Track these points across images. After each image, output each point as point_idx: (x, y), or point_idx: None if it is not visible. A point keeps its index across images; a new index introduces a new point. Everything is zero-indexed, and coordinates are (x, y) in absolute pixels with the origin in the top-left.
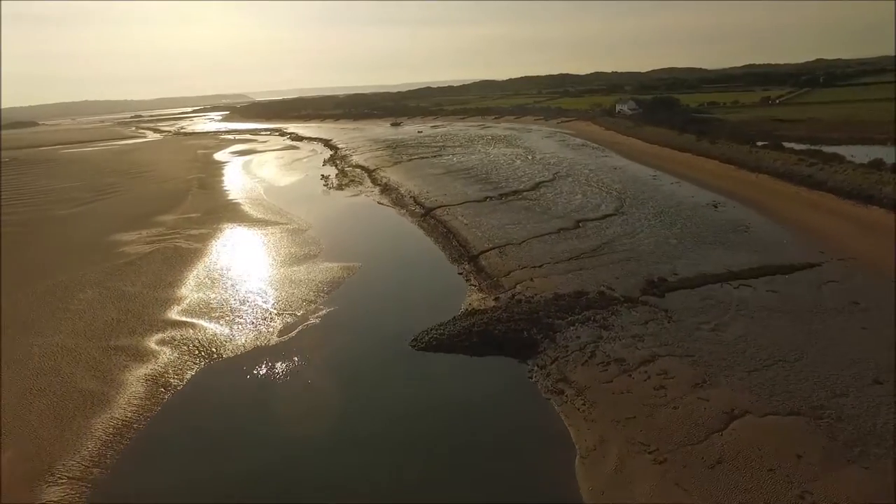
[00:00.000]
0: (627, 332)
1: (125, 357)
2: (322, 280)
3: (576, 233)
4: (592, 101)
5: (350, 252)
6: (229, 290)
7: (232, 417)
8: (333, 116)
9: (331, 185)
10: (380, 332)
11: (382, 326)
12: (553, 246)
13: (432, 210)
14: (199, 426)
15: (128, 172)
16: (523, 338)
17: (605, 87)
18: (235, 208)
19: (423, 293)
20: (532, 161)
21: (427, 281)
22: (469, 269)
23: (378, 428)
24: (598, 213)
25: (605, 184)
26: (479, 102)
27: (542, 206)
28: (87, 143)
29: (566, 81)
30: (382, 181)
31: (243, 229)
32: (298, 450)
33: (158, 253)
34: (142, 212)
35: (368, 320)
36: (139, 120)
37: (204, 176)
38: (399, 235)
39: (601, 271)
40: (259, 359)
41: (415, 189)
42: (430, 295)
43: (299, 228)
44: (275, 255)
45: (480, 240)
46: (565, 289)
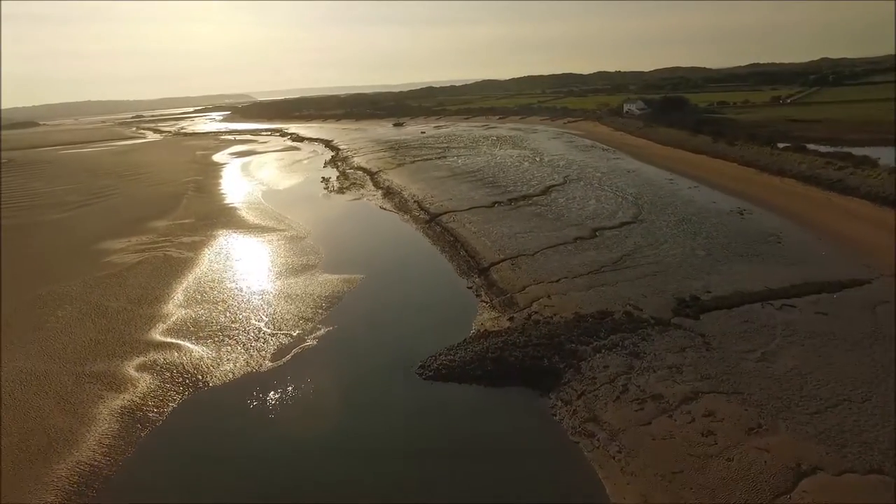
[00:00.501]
0: (662, 362)
1: (100, 385)
2: (320, 294)
3: (593, 243)
4: (598, 101)
5: (351, 262)
6: (220, 306)
7: (214, 462)
8: (335, 116)
9: (331, 189)
10: (383, 356)
11: (386, 349)
12: (570, 258)
13: (438, 216)
14: (176, 472)
15: (124, 174)
16: (543, 366)
17: (609, 86)
18: (231, 213)
19: (429, 310)
20: (540, 163)
21: (434, 296)
22: (479, 284)
23: (380, 477)
24: (615, 220)
25: (620, 188)
26: (482, 102)
27: (554, 213)
28: (86, 144)
29: (570, 81)
30: (385, 184)
31: (238, 236)
32: (290, 500)
33: (147, 263)
34: (134, 217)
35: (370, 342)
36: (140, 120)
37: (201, 178)
38: (403, 244)
39: (625, 287)
40: (249, 388)
41: (419, 193)
42: (438, 312)
43: (297, 235)
44: (270, 266)
45: (490, 250)
46: (587, 308)
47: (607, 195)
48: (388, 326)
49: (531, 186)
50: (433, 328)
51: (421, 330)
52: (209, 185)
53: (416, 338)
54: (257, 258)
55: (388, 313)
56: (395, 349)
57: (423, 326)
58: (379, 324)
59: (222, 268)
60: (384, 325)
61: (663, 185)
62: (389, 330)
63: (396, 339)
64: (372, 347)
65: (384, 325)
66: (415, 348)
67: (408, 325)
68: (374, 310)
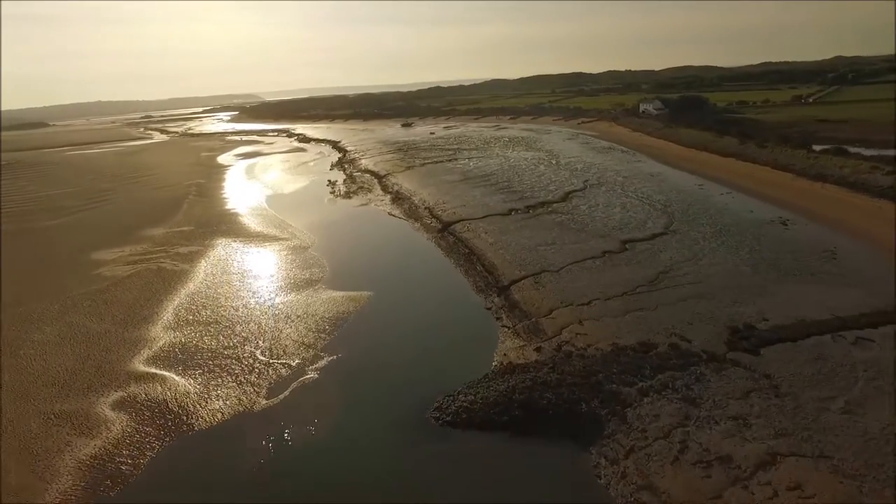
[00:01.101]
0: (725, 411)
1: (69, 429)
2: (324, 315)
3: (624, 257)
4: (611, 101)
5: (357, 277)
6: (212, 328)
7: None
8: (343, 116)
9: (338, 193)
10: (392, 393)
11: (396, 385)
12: (599, 275)
13: (451, 225)
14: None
15: (126, 177)
16: (581, 412)
17: (620, 85)
18: (232, 220)
19: (444, 336)
20: (557, 166)
21: (448, 318)
22: (500, 304)
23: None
24: (645, 231)
25: (646, 194)
26: (491, 102)
27: (577, 222)
28: (93, 145)
29: (579, 80)
30: (394, 188)
31: (238, 246)
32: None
33: (138, 277)
34: (131, 223)
35: (378, 375)
36: (148, 120)
37: (204, 181)
38: (414, 256)
39: (667, 312)
40: (239, 433)
41: (430, 198)
42: (454, 338)
43: (301, 245)
44: (270, 281)
45: (510, 265)
46: (626, 338)
47: (633, 202)
48: (399, 355)
49: (549, 192)
50: (449, 358)
51: (435, 360)
52: (211, 189)
53: (429, 370)
54: (256, 272)
55: (398, 339)
56: (407, 385)
57: (437, 355)
58: (388, 352)
59: (218, 283)
60: (394, 353)
61: (692, 190)
62: (400, 360)
63: (408, 372)
64: (380, 382)
65: (394, 354)
66: (429, 383)
67: (420, 353)
68: (383, 335)
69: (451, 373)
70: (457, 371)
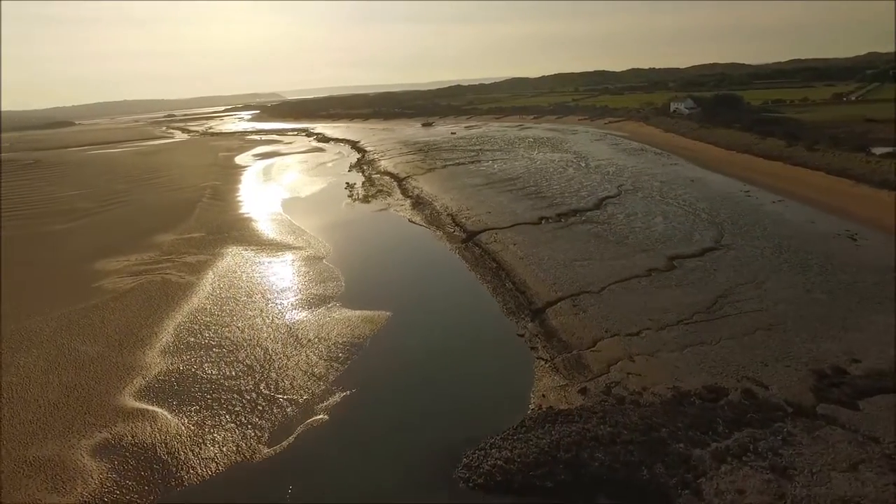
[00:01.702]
0: (829, 489)
1: (41, 480)
2: (337, 340)
3: (673, 277)
4: (639, 100)
5: (375, 292)
6: (214, 353)
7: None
8: (362, 116)
9: (356, 197)
10: (413, 441)
11: (417, 431)
12: (647, 298)
13: (476, 234)
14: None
15: (142, 178)
16: (642, 480)
17: (645, 84)
18: (245, 226)
19: (472, 367)
20: (587, 169)
21: (476, 346)
22: (534, 331)
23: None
24: (692, 245)
25: (688, 202)
26: (513, 101)
27: (615, 233)
28: (115, 144)
29: (602, 78)
30: (414, 192)
31: (249, 255)
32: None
33: (141, 290)
34: (141, 229)
35: (396, 418)
36: (171, 119)
37: (219, 183)
38: (436, 269)
39: (732, 348)
40: (234, 489)
41: (452, 204)
42: (483, 370)
43: (316, 255)
44: (280, 297)
45: (544, 283)
46: (689, 380)
47: (675, 211)
48: (420, 392)
49: (581, 198)
50: (478, 396)
51: (462, 398)
52: (226, 192)
53: (456, 411)
54: (266, 286)
55: (420, 371)
56: (430, 431)
57: (464, 393)
58: (408, 388)
59: (224, 298)
60: (414, 389)
61: (739, 198)
62: (421, 398)
63: (431, 414)
64: (399, 427)
65: (414, 390)
66: (456, 428)
67: (444, 390)
68: (402, 365)
69: (481, 415)
70: (488, 413)
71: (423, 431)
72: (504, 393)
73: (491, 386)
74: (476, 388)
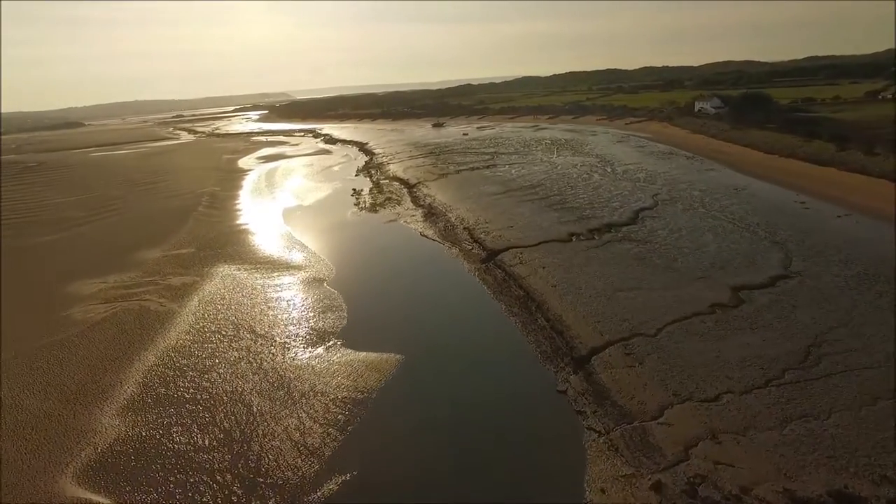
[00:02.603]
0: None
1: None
2: (336, 394)
3: (744, 315)
4: (655, 99)
5: (382, 327)
6: (186, 412)
7: None
8: (371, 116)
9: (362, 205)
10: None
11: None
12: (717, 345)
13: (497, 253)
14: None
15: (139, 183)
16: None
17: (661, 82)
18: (241, 239)
19: (503, 437)
20: (614, 175)
21: (508, 405)
22: (579, 388)
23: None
24: (758, 271)
25: (737, 215)
26: (526, 100)
27: (661, 255)
28: (120, 146)
29: (615, 77)
30: (426, 201)
31: (242, 276)
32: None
33: (114, 321)
34: (128, 243)
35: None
36: (179, 120)
37: (218, 189)
38: (453, 296)
39: (851, 425)
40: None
41: (468, 216)
42: (517, 442)
43: (316, 277)
44: (273, 332)
45: (585, 320)
46: (804, 478)
47: (725, 226)
48: (436, 476)
49: (614, 210)
50: (513, 484)
51: (493, 486)
52: (225, 199)
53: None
54: (257, 317)
55: (437, 443)
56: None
57: (495, 478)
58: (423, 468)
59: (207, 333)
60: (431, 471)
61: (795, 211)
62: (438, 484)
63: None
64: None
65: (431, 473)
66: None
67: (469, 474)
68: (415, 433)
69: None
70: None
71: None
72: (548, 482)
73: (529, 468)
74: (510, 471)
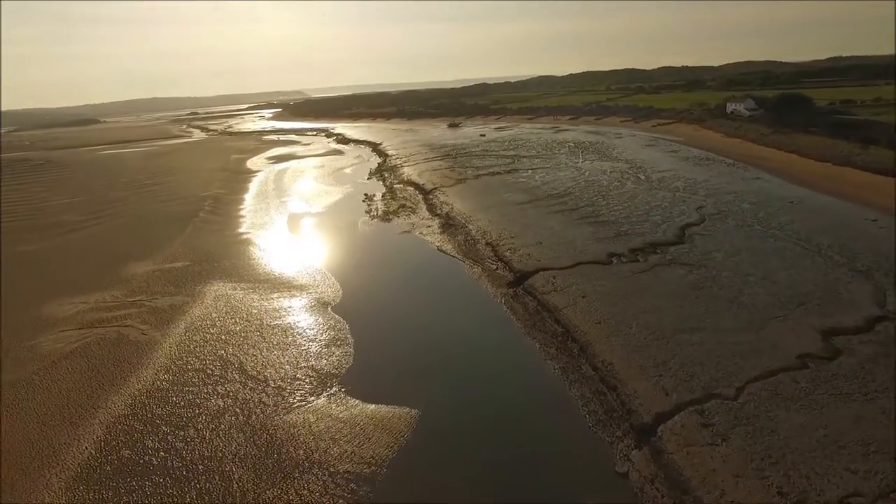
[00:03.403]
0: None
1: None
2: (337, 466)
3: (846, 373)
4: (682, 99)
5: (395, 368)
6: (150, 486)
7: None
8: (385, 115)
9: (375, 213)
10: None
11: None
12: (823, 419)
13: (527, 276)
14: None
15: (142, 184)
16: None
17: (683, 82)
18: (240, 252)
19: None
20: (649, 184)
21: (550, 489)
22: (645, 470)
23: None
24: (847, 309)
25: (802, 234)
26: (544, 100)
27: (721, 284)
28: (130, 144)
29: (634, 76)
30: (443, 210)
31: (237, 298)
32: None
33: (85, 353)
34: (117, 253)
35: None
36: (193, 117)
37: (223, 192)
38: (478, 330)
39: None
40: None
41: (491, 229)
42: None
43: (321, 300)
44: (266, 373)
45: (643, 372)
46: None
47: (790, 248)
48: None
49: (655, 225)
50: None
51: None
52: (229, 203)
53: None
54: (249, 351)
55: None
56: None
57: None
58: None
59: (189, 373)
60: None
61: (869, 230)
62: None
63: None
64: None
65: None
66: None
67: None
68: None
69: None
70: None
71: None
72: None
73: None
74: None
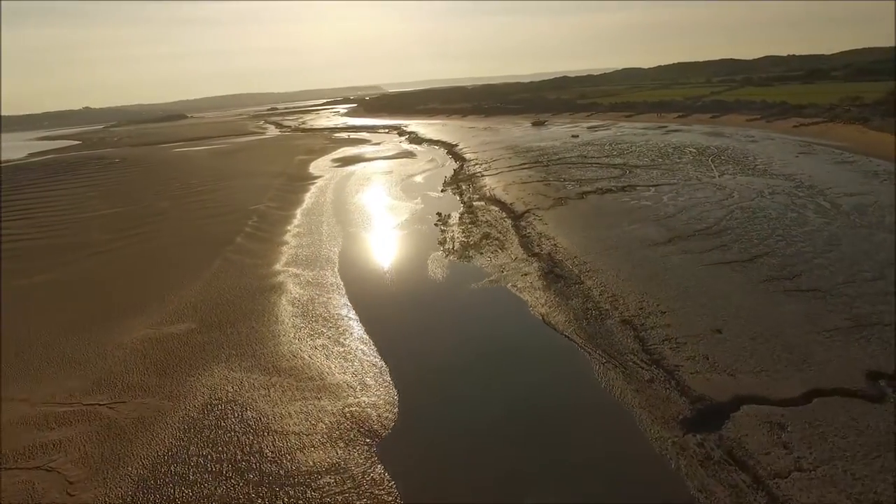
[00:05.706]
0: None
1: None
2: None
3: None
4: (803, 93)
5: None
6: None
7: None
8: (461, 111)
9: (450, 245)
10: None
11: None
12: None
13: (718, 414)
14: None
15: (193, 192)
16: None
17: (798, 72)
18: (266, 309)
19: None
20: (844, 216)
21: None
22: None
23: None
24: None
25: None
26: (637, 94)
27: None
28: (204, 141)
29: (735, 68)
30: (543, 247)
31: (239, 406)
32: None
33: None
34: (118, 299)
35: None
36: (272, 112)
37: (273, 206)
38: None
39: None
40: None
41: (625, 291)
42: None
43: (361, 419)
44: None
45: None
46: None
47: None
48: None
49: (887, 294)
50: None
51: None
52: (275, 223)
53: None
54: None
55: None
56: None
57: None
58: None
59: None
60: None
61: None
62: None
63: None
64: None
65: None
66: None
67: None
68: None
69: None
70: None
71: None
72: None
73: None
74: None
